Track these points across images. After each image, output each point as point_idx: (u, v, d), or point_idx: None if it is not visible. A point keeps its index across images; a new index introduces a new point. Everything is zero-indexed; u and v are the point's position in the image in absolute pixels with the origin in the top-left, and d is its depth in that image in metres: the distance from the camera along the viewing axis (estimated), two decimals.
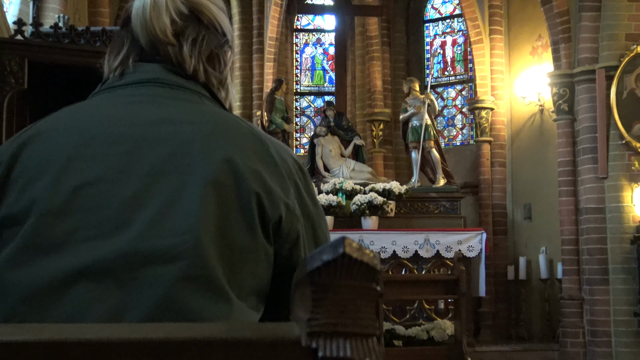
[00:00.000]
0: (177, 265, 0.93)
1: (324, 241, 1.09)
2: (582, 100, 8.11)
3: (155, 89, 1.08)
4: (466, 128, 10.89)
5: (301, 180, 1.08)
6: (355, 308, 0.71)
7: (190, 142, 1.00)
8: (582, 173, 8.05)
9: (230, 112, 1.18)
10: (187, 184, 0.97)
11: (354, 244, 0.71)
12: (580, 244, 8.05)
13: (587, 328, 7.94)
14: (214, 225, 0.96)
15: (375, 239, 7.91)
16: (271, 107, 9.55)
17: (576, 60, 8.20)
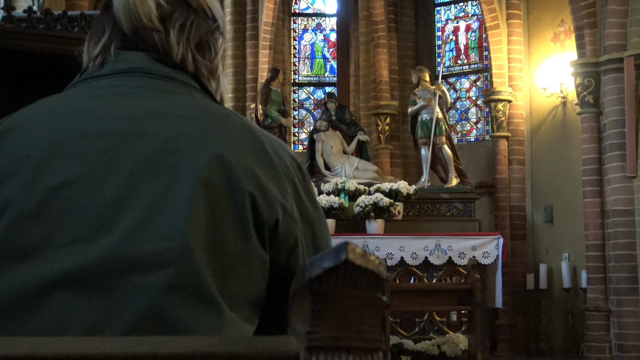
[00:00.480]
0: (164, 272, 0.93)
1: (325, 247, 1.10)
2: (609, 91, 8.11)
3: (139, 80, 1.08)
4: (481, 122, 10.89)
5: (300, 179, 1.08)
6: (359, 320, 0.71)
7: (177, 138, 1.00)
8: (609, 172, 8.05)
9: (222, 105, 1.18)
10: (175, 184, 0.97)
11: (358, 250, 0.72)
12: (607, 249, 8.05)
13: (614, 342, 7.93)
14: (204, 229, 0.96)
15: (381, 245, 7.91)
16: (266, 99, 9.55)
17: (602, 47, 8.20)
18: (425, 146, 9.34)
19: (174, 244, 0.94)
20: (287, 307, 0.84)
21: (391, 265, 7.79)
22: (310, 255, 1.05)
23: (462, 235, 8.14)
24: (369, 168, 9.48)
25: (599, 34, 8.29)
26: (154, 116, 1.03)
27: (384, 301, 0.72)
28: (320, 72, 11.77)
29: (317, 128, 9.71)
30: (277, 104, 9.65)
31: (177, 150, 0.99)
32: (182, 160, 0.98)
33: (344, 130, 9.78)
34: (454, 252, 7.93)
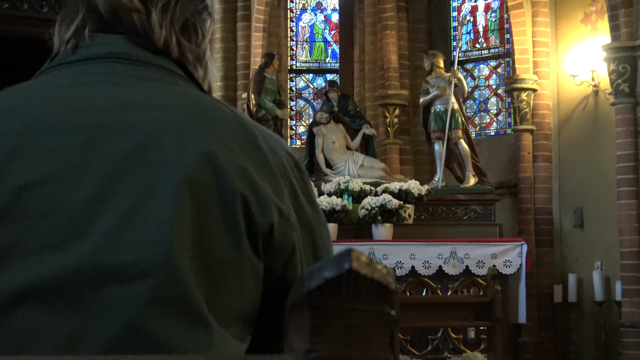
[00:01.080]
0: (145, 284, 0.93)
1: (326, 254, 1.10)
2: None
3: (116, 66, 1.08)
4: (502, 114, 10.89)
5: (297, 179, 1.08)
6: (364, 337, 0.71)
7: (160, 132, 1.00)
8: None
9: (210, 94, 1.18)
10: (157, 184, 0.97)
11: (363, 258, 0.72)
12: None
13: None
14: (189, 235, 0.96)
15: (390, 252, 7.91)
16: (260, 88, 9.55)
17: (639, 29, 8.19)
18: (439, 141, 9.33)
19: (155, 252, 0.94)
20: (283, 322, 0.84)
21: (401, 275, 7.79)
22: (310, 264, 1.05)
23: (480, 241, 8.14)
24: (376, 166, 9.47)
25: (635, 14, 8.28)
26: (133, 107, 1.03)
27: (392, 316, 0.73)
28: (321, 58, 11.77)
29: (317, 120, 9.71)
30: (271, 94, 9.65)
31: (159, 145, 0.99)
32: (164, 157, 0.98)
33: (347, 123, 9.77)
34: (472, 261, 7.92)
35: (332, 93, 9.83)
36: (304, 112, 11.68)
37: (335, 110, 9.76)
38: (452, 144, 9.33)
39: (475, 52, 11.12)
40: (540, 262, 9.53)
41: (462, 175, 9.34)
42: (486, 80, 11.06)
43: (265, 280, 1.03)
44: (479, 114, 11.04)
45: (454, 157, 9.39)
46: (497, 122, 10.93)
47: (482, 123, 11.01)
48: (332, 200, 8.25)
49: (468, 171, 9.24)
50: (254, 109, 9.49)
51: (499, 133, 10.82)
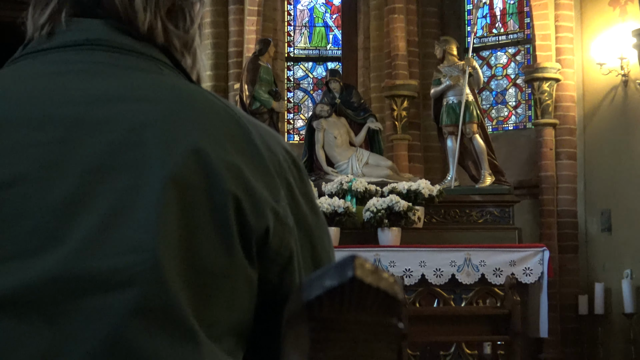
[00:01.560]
0: (128, 293, 0.93)
1: (327, 261, 1.10)
2: None
3: (96, 54, 1.09)
4: (522, 106, 10.88)
5: (295, 178, 1.08)
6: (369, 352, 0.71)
7: (144, 127, 1.00)
8: None
9: (199, 85, 1.18)
10: (140, 184, 0.97)
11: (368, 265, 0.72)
12: None
13: None
14: (176, 240, 0.96)
15: (397, 259, 7.91)
16: (254, 77, 9.55)
17: None
18: (452, 136, 9.33)
19: (139, 259, 0.94)
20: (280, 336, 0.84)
21: (409, 284, 7.79)
22: (309, 272, 1.05)
23: (498, 247, 8.14)
24: (382, 164, 9.47)
25: None
26: (114, 99, 1.03)
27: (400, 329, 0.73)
28: (321, 44, 11.76)
29: (317, 114, 9.71)
30: (267, 84, 9.64)
31: (143, 141, 0.99)
32: (149, 154, 0.98)
33: (350, 117, 9.77)
34: (488, 269, 7.92)
35: (334, 83, 9.83)
36: (303, 104, 11.68)
37: (337, 103, 9.75)
38: (467, 140, 9.32)
39: (492, 38, 11.11)
40: (564, 270, 9.52)
41: (477, 174, 9.33)
42: (504, 69, 11.06)
43: (259, 290, 1.03)
44: (495, 106, 11.03)
45: (468, 154, 9.38)
46: (515, 115, 10.93)
47: (500, 116, 11.01)
48: (334, 202, 8.25)
49: (484, 170, 9.23)
50: (247, 101, 9.49)
51: (518, 127, 10.81)
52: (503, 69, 11.06)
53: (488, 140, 9.39)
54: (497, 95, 11.04)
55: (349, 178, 8.72)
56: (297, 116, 11.65)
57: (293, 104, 11.65)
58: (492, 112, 11.00)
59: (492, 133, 10.32)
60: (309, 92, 11.72)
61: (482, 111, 9.83)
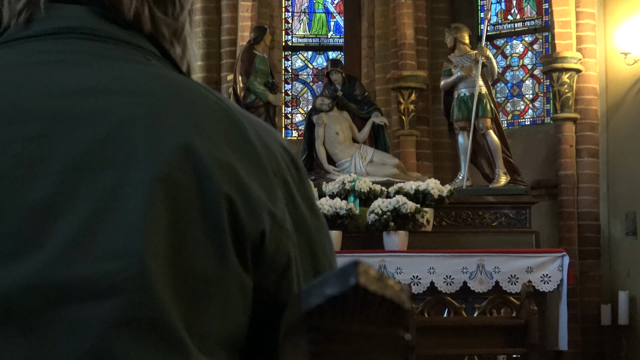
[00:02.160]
0: (112, 303, 0.93)
1: (328, 267, 1.10)
2: None
3: (77, 43, 1.09)
4: (539, 100, 10.88)
5: (294, 177, 1.08)
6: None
7: (130, 122, 1.00)
8: None
9: (189, 76, 1.18)
10: (126, 184, 0.97)
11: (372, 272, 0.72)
12: None
13: None
14: (164, 245, 0.96)
15: (404, 265, 7.91)
16: (249, 68, 9.55)
17: None
18: (464, 132, 9.33)
19: (124, 265, 0.94)
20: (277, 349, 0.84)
21: (418, 292, 7.79)
22: (308, 279, 1.06)
23: (513, 252, 8.14)
24: (388, 162, 9.47)
25: None
26: (97, 92, 1.03)
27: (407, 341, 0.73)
28: (322, 32, 11.76)
29: (317, 107, 9.71)
30: (263, 75, 9.64)
31: (128, 137, 0.99)
32: (135, 152, 0.98)
33: (353, 111, 9.77)
34: (503, 276, 7.92)
35: (336, 74, 9.83)
36: (302, 97, 11.68)
37: (339, 95, 9.76)
38: (480, 136, 9.32)
39: (507, 25, 11.11)
40: (585, 277, 9.52)
41: (491, 173, 9.33)
42: (520, 59, 11.06)
43: (255, 299, 1.03)
44: (511, 99, 11.03)
45: (481, 151, 9.38)
46: (533, 109, 10.93)
47: (516, 110, 11.01)
48: (336, 203, 8.25)
49: (498, 168, 9.23)
50: (241, 94, 9.49)
51: (536, 122, 10.81)
52: (519, 59, 11.06)
53: (503, 136, 9.39)
54: (513, 87, 11.03)
55: (351, 177, 8.71)
56: (295, 110, 11.65)
57: (291, 96, 11.65)
58: (507, 106, 11.00)
59: (507, 128, 10.32)
60: (308, 84, 11.72)
61: (497, 105, 9.83)
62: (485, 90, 9.35)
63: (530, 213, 9.07)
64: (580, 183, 9.80)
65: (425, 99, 10.74)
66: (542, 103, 10.84)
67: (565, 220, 9.70)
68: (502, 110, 10.72)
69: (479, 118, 9.26)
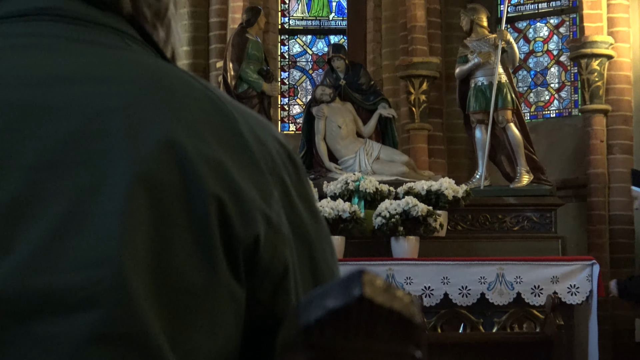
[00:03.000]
0: (87, 316, 0.93)
1: (329, 277, 1.10)
2: None
3: (49, 26, 1.09)
4: (566, 89, 10.88)
5: (292, 177, 1.08)
6: None
7: (107, 114, 1.00)
8: None
9: (174, 63, 1.19)
10: (102, 183, 0.97)
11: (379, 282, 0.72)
12: None
13: None
14: (146, 252, 0.96)
15: (415, 274, 7.91)
16: (241, 54, 9.55)
17: None
18: (482, 125, 9.33)
19: (101, 274, 0.94)
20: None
21: (430, 305, 7.79)
22: (308, 290, 1.06)
23: (537, 260, 8.14)
24: (397, 159, 9.47)
25: None
26: (70, 81, 1.03)
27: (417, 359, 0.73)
28: (323, 14, 11.76)
29: (317, 98, 9.71)
30: (256, 62, 9.64)
31: (105, 131, 0.99)
32: (112, 147, 0.98)
33: (358, 102, 9.77)
34: (525, 286, 7.92)
35: (338, 61, 9.83)
36: (300, 86, 11.68)
37: (342, 85, 9.76)
38: (499, 130, 9.32)
39: (530, 5, 11.11)
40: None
41: (511, 172, 9.33)
42: (544, 44, 11.06)
43: (248, 312, 1.03)
44: (534, 89, 11.04)
45: (501, 147, 9.39)
46: (559, 100, 10.93)
47: (539, 101, 11.01)
48: (338, 205, 8.25)
49: (520, 166, 9.24)
50: (232, 83, 9.49)
51: (562, 115, 10.82)
52: (543, 44, 11.06)
53: (525, 131, 9.39)
54: (537, 75, 11.04)
55: (356, 176, 8.71)
56: (293, 101, 11.65)
57: (288, 86, 11.65)
58: (530, 96, 11.01)
59: (530, 121, 10.32)
60: (307, 71, 11.72)
61: (518, 95, 9.83)
62: (505, 78, 9.35)
63: (555, 216, 9.06)
64: (611, 183, 9.79)
65: (439, 88, 10.74)
66: (569, 93, 10.84)
67: (595, 225, 9.70)
68: (524, 101, 10.72)
69: (498, 110, 9.26)
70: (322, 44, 11.65)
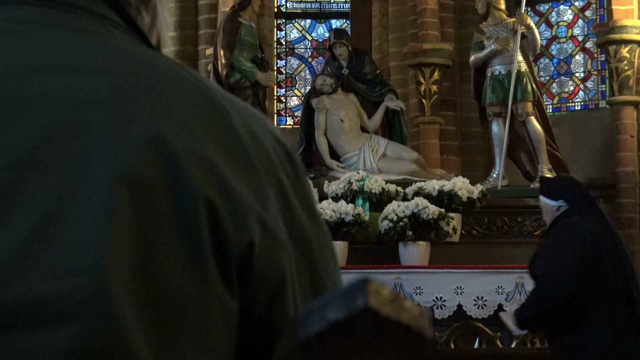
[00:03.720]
0: (65, 330, 0.93)
1: (330, 286, 1.10)
2: None
3: (22, 11, 1.09)
4: (592, 79, 10.88)
5: (289, 176, 1.09)
6: None
7: (86, 108, 1.00)
8: None
9: (159, 51, 1.19)
10: (81, 184, 0.97)
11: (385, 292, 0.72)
12: None
13: None
14: (129, 259, 0.96)
15: (425, 284, 7.91)
16: (233, 40, 9.55)
17: None
18: (499, 119, 9.33)
19: (80, 284, 0.94)
20: None
21: (442, 317, 7.79)
22: (307, 301, 1.06)
23: None
24: (405, 156, 9.47)
25: None
26: (47, 70, 1.03)
27: None
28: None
29: (317, 89, 9.71)
30: (250, 49, 9.64)
31: (85, 126, 0.99)
32: (93, 144, 0.99)
33: (362, 93, 9.77)
34: None
35: (340, 48, 9.83)
36: (298, 76, 11.68)
37: (345, 74, 9.76)
38: (518, 124, 9.32)
39: None
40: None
41: (532, 170, 9.33)
42: (569, 29, 11.06)
43: (241, 325, 1.03)
44: (557, 78, 11.04)
45: (520, 142, 9.39)
46: (584, 90, 10.93)
47: (563, 92, 11.01)
48: (340, 207, 8.24)
49: (541, 164, 9.24)
50: (223, 72, 9.49)
51: (588, 107, 10.82)
52: (567, 29, 11.06)
53: (547, 125, 9.39)
54: (560, 64, 11.04)
55: (360, 175, 8.71)
56: (290, 92, 11.65)
57: (285, 75, 11.65)
58: (552, 87, 11.01)
59: (553, 114, 10.32)
60: (306, 59, 11.72)
61: (540, 85, 9.83)
62: (525, 67, 9.35)
63: None
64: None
65: (451, 78, 10.74)
66: (596, 83, 10.84)
67: (624, 229, 9.69)
68: (546, 92, 10.73)
69: (517, 102, 9.26)
70: (322, 29, 11.66)
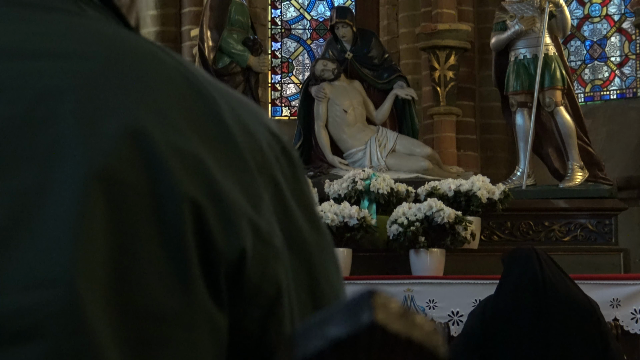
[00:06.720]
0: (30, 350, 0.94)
1: (332, 299, 1.11)
2: None
3: None
4: (630, 64, 10.88)
5: (286, 175, 1.09)
6: None
7: (56, 96, 1.01)
8: None
9: (138, 32, 1.19)
10: (49, 184, 0.97)
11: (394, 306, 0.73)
12: None
13: None
14: (104, 269, 0.96)
15: (440, 296, 7.91)
16: (221, 20, 9.55)
17: None
18: (524, 109, 9.33)
19: (48, 296, 0.95)
20: None
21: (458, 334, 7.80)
22: (306, 316, 1.06)
23: (593, 278, 8.14)
24: (417, 151, 9.48)
25: None
26: (11, 55, 1.03)
27: None
28: None
29: (317, 75, 9.71)
30: (241, 30, 9.65)
31: (55, 117, 1.00)
32: (63, 137, 0.99)
33: (368, 80, 9.78)
34: None
35: (343, 29, 9.83)
36: (296, 60, 11.69)
37: (349, 58, 9.76)
38: (546, 115, 9.33)
39: None
40: None
41: (561, 168, 9.34)
42: (603, 7, 11.07)
43: (232, 343, 1.04)
44: (590, 63, 11.04)
45: (548, 136, 9.39)
46: (620, 77, 10.94)
47: (597, 79, 11.02)
48: (343, 210, 8.25)
49: (572, 160, 9.24)
50: (210, 56, 9.49)
51: (625, 96, 10.83)
52: (601, 7, 11.07)
53: (579, 116, 9.39)
54: (593, 46, 11.04)
55: (366, 173, 8.72)
56: (286, 79, 11.66)
57: (281, 60, 11.66)
58: (584, 73, 11.01)
59: (585, 104, 10.33)
60: (304, 41, 11.73)
61: (570, 71, 9.83)
62: (553, 50, 9.35)
63: (616, 223, 9.07)
64: None
65: (470, 63, 10.75)
66: (634, 69, 10.85)
67: None
68: (577, 79, 10.73)
69: (544, 90, 9.26)
70: (323, 6, 11.67)
